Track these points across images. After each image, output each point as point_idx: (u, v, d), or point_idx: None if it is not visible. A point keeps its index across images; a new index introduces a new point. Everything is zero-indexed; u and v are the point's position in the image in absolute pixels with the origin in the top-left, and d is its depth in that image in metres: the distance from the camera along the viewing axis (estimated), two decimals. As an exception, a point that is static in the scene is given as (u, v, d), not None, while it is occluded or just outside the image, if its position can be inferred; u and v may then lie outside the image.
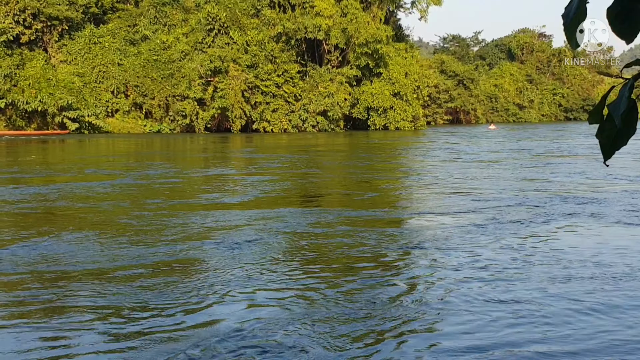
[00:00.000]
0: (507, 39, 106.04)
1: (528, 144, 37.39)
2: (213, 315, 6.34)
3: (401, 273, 8.01)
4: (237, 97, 56.69)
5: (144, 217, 11.94)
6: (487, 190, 15.81)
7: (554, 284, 7.35)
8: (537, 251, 9.10)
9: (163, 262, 8.41)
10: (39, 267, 8.11)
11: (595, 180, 17.78)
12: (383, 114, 60.48)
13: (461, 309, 6.51)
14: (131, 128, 58.61)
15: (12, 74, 53.97)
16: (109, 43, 60.06)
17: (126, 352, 5.47)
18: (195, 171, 22.64)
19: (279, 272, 7.88)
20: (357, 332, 5.90)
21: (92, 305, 6.63)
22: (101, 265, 8.25)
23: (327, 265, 8.28)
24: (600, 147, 2.43)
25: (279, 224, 11.13)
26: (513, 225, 11.05)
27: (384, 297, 6.97)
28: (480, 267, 8.11)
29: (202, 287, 7.28)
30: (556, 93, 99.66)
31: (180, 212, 12.64)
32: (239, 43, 58.67)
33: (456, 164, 24.16)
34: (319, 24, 58.36)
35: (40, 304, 6.67)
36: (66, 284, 7.38)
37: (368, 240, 9.74)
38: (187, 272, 7.95)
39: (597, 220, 11.49)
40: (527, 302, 6.71)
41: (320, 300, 6.82)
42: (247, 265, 8.23)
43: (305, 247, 9.34)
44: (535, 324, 6.10)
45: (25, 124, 55.34)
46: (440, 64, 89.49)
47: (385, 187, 17.46)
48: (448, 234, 10.30)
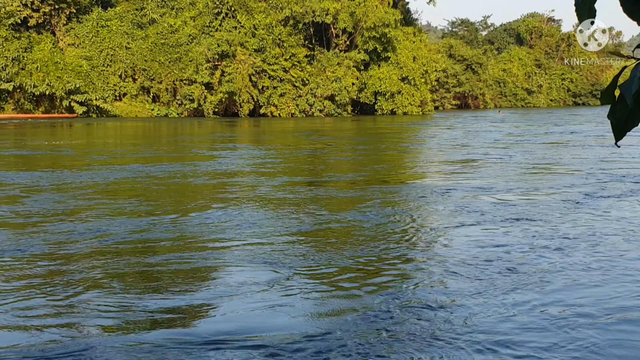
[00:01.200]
0: (515, 24, 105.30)
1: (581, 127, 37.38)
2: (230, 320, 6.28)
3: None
4: (245, 82, 56.61)
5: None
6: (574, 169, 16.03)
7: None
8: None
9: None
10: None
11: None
12: (391, 99, 60.30)
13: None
14: (139, 112, 58.65)
15: (20, 57, 54.01)
16: (117, 26, 59.98)
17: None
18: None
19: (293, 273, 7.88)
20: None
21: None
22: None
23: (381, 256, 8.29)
24: (611, 128, 2.43)
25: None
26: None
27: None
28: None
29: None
30: (565, 78, 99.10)
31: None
32: (246, 27, 58.52)
33: (518, 146, 24.07)
34: (327, 8, 58.13)
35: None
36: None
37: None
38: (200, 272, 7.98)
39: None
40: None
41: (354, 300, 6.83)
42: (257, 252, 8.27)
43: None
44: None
45: (33, 108, 55.45)
46: (448, 48, 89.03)
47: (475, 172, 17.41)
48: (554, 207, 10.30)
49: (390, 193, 13.41)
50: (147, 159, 20.96)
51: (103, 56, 59.09)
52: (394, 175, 17.20)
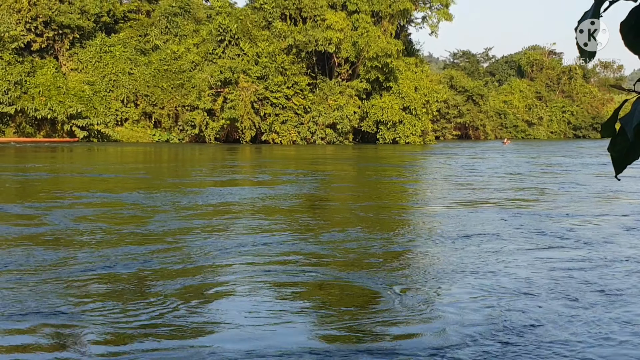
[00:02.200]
0: (517, 56, 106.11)
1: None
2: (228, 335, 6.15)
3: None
4: (247, 108, 56.71)
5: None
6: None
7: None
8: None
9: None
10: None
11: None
12: (392, 128, 60.44)
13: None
14: (140, 137, 58.68)
15: (23, 81, 54.14)
16: (120, 52, 60.25)
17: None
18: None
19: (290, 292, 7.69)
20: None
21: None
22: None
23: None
24: (612, 161, 2.43)
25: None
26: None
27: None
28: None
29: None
30: (565, 110, 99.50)
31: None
32: (249, 54, 58.77)
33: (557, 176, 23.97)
34: (330, 37, 58.44)
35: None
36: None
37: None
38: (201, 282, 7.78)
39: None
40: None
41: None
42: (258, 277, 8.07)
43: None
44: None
45: (35, 131, 55.46)
46: (449, 79, 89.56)
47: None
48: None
49: (460, 217, 13.23)
50: (147, 183, 20.80)
51: (106, 81, 59.27)
52: (464, 200, 17.03)
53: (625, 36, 2.38)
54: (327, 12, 60.43)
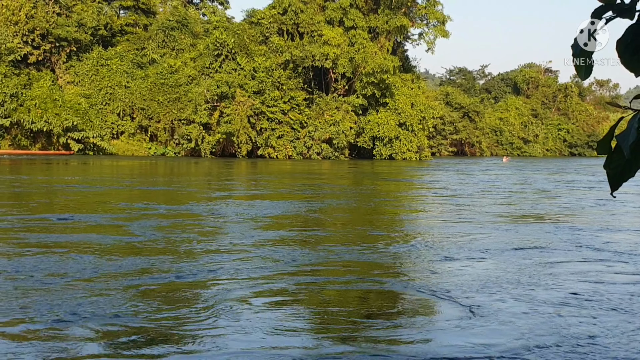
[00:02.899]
0: (513, 73, 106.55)
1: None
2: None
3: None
4: (243, 123, 56.78)
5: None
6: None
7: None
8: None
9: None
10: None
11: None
12: (388, 144, 60.53)
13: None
14: (135, 150, 58.69)
15: (19, 93, 54.15)
16: (117, 65, 60.37)
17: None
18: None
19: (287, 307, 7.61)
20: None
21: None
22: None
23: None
24: (607, 178, 2.43)
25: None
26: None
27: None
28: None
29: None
30: (561, 128, 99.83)
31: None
32: (246, 69, 58.92)
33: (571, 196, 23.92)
34: (327, 53, 58.66)
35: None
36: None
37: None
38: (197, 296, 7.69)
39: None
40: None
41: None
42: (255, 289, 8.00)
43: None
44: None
45: (30, 144, 55.40)
46: (445, 95, 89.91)
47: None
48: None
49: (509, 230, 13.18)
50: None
51: (102, 94, 59.36)
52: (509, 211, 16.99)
53: (622, 54, 2.38)
54: (324, 27, 60.73)
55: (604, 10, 2.41)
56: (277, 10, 63.24)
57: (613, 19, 2.41)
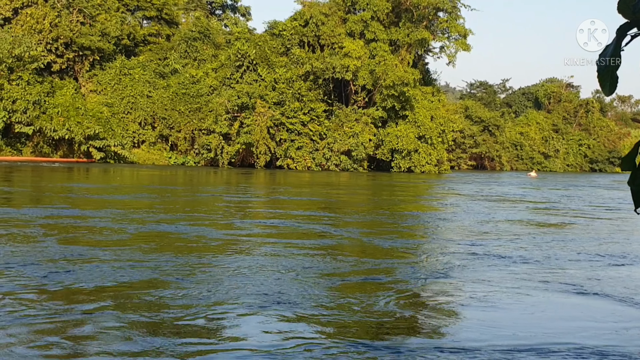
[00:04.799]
0: (534, 88, 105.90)
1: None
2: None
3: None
4: (263, 134, 56.88)
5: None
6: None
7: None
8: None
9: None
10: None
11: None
12: (407, 157, 60.26)
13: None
14: (156, 159, 58.94)
15: (42, 101, 54.55)
16: (139, 75, 60.77)
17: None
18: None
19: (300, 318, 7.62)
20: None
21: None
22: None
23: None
24: (632, 195, 2.38)
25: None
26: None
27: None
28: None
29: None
30: (582, 144, 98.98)
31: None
32: (267, 80, 59.07)
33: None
34: (347, 65, 58.73)
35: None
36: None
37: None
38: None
39: None
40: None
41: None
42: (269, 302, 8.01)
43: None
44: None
45: (51, 152, 55.81)
46: (465, 109, 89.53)
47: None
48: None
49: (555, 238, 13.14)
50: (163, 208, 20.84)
51: (124, 103, 59.75)
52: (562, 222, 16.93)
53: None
54: (345, 40, 60.83)
55: (628, 27, 2.41)
56: (298, 22, 63.47)
57: (638, 36, 2.41)
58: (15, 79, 54.32)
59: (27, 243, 11.28)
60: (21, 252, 10.38)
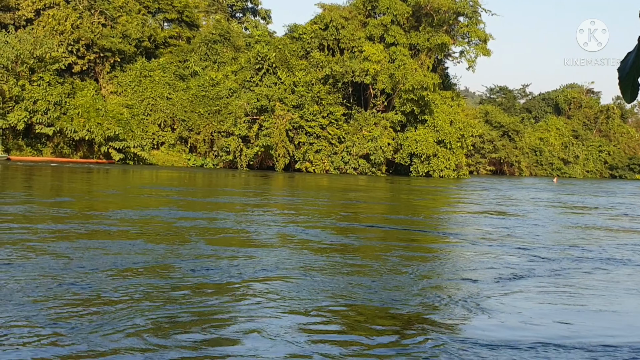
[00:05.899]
0: (554, 93, 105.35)
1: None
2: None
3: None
4: (282, 136, 56.94)
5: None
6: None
7: None
8: None
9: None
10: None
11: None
12: (426, 161, 60.06)
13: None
14: (175, 161, 59.17)
15: (63, 102, 54.94)
16: (159, 77, 61.10)
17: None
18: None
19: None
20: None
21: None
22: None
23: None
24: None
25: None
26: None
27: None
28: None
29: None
30: (602, 150, 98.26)
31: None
32: (286, 83, 59.15)
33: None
34: (367, 69, 58.68)
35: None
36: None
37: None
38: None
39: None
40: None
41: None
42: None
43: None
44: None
45: (71, 152, 56.18)
46: (485, 114, 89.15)
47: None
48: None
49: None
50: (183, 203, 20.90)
51: (144, 105, 60.09)
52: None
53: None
54: (364, 43, 60.80)
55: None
56: (318, 26, 63.55)
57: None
58: (37, 79, 54.75)
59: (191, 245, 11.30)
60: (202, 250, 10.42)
